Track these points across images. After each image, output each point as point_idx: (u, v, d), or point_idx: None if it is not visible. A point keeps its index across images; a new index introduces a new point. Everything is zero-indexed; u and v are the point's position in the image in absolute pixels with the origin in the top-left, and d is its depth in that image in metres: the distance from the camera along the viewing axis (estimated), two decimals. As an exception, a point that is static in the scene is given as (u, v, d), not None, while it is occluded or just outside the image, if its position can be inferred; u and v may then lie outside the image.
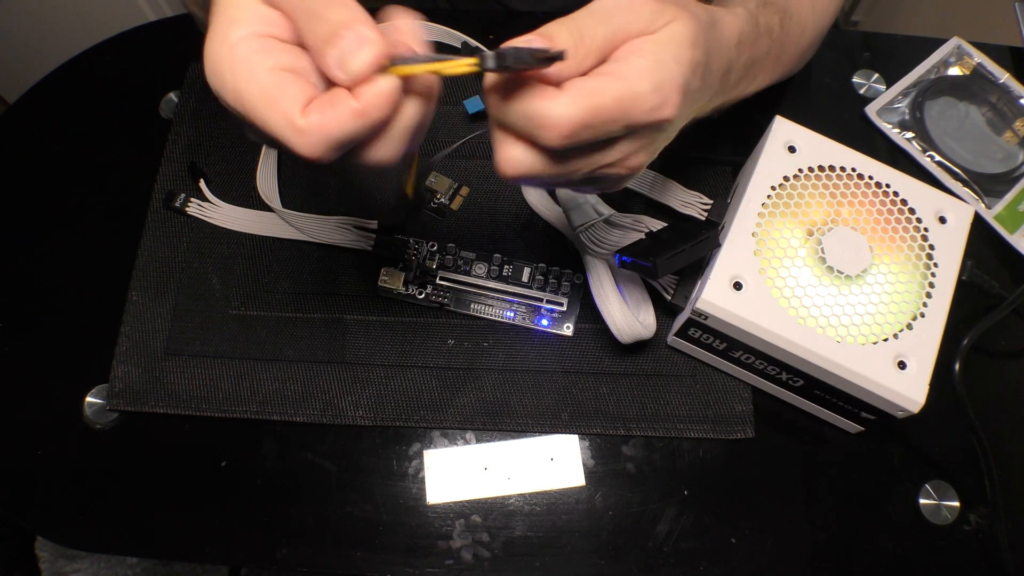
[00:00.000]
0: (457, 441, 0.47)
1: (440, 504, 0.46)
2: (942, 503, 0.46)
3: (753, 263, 0.43)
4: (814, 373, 0.42)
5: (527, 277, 0.50)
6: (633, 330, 0.45)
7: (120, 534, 0.45)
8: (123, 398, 0.47)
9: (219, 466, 0.46)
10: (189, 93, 0.56)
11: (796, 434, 0.48)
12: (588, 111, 0.28)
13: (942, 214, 0.45)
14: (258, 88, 0.26)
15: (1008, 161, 0.56)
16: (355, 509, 0.45)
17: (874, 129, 0.57)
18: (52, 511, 0.45)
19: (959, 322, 0.44)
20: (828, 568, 0.45)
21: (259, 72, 0.26)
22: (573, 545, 0.45)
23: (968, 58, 0.59)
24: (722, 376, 0.48)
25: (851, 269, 0.43)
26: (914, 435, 0.48)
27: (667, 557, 0.44)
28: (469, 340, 0.49)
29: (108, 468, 0.46)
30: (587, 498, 0.46)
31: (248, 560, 0.45)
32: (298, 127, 0.25)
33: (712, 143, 0.55)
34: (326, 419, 0.47)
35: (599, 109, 0.28)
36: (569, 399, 0.48)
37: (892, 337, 0.42)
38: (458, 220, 0.52)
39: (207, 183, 0.52)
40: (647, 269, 0.42)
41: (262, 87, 0.26)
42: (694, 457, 0.47)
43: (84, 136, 0.56)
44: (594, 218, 0.46)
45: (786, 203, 0.45)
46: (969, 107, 0.58)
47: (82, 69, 0.59)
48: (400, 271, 0.49)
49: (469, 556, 0.44)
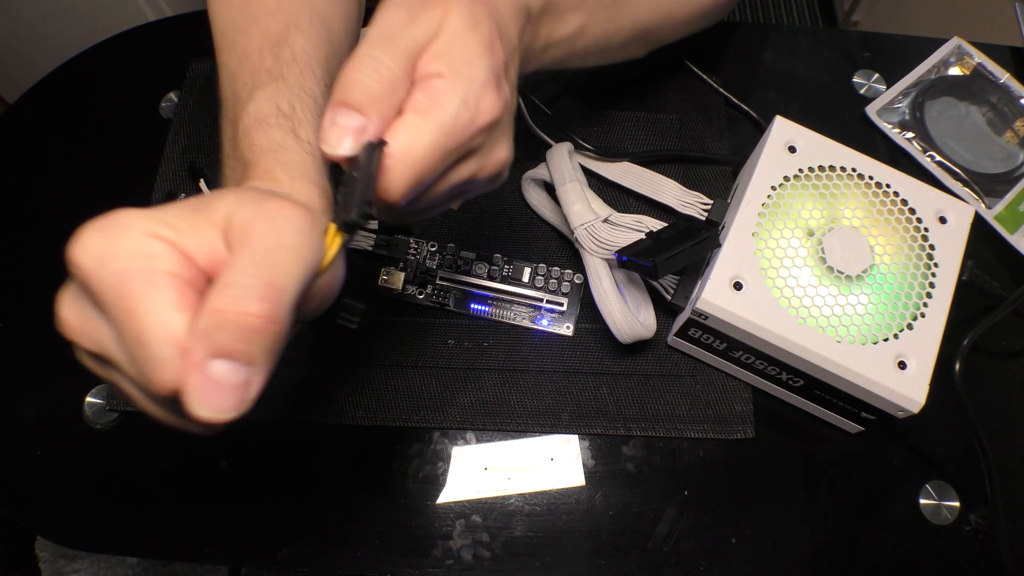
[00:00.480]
0: (457, 441, 0.47)
1: (440, 504, 0.46)
2: (942, 503, 0.46)
3: (753, 263, 0.43)
4: (814, 373, 0.42)
5: (527, 277, 0.50)
6: (633, 330, 0.45)
7: (120, 534, 0.45)
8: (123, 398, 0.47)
9: (219, 466, 0.46)
10: (189, 93, 0.56)
11: (796, 434, 0.48)
12: (413, 169, 0.27)
13: (942, 214, 0.45)
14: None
15: (1008, 161, 0.56)
16: (355, 509, 0.45)
17: (874, 129, 0.57)
18: (52, 511, 0.45)
19: (959, 322, 0.44)
20: (828, 568, 0.45)
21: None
22: (573, 545, 0.45)
23: (968, 58, 0.59)
24: (722, 376, 0.48)
25: (851, 269, 0.43)
26: (914, 435, 0.48)
27: (667, 557, 0.44)
28: (469, 340, 0.49)
29: (108, 468, 0.46)
30: (587, 498, 0.46)
31: (248, 560, 0.45)
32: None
33: (712, 143, 0.55)
34: (326, 419, 0.47)
35: (422, 159, 0.27)
36: (569, 399, 0.48)
37: (892, 337, 0.42)
38: (458, 220, 0.52)
39: (207, 183, 0.52)
40: (647, 269, 0.42)
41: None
42: (694, 457, 0.47)
43: (84, 136, 0.56)
44: (594, 218, 0.46)
45: (786, 203, 0.45)
46: (969, 107, 0.58)
47: (82, 69, 0.59)
48: (400, 271, 0.49)
49: (469, 556, 0.44)
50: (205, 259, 0.24)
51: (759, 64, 0.60)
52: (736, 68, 0.59)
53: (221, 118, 0.36)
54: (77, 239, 0.23)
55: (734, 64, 0.59)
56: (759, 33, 0.62)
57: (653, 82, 0.57)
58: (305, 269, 0.24)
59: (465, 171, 0.31)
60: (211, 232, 0.24)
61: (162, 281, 0.22)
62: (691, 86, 0.57)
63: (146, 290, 0.22)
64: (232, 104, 0.34)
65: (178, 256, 0.23)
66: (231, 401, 0.22)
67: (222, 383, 0.22)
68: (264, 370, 0.23)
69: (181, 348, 0.22)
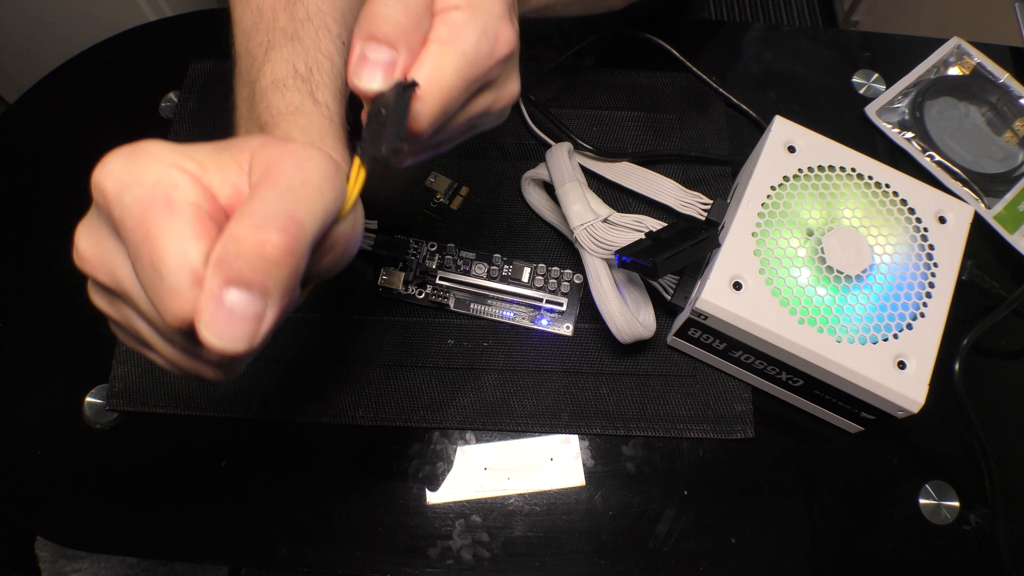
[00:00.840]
0: (457, 441, 0.47)
1: (440, 504, 0.46)
2: (942, 503, 0.46)
3: (753, 263, 0.43)
4: (814, 373, 0.42)
5: (527, 277, 0.50)
6: (633, 330, 0.45)
7: (120, 534, 0.45)
8: (123, 398, 0.47)
9: (219, 466, 0.46)
10: (189, 93, 0.56)
11: (796, 434, 0.48)
12: (440, 97, 0.28)
13: (942, 214, 0.45)
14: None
15: (1008, 161, 0.56)
16: (355, 509, 0.45)
17: (874, 129, 0.57)
18: (52, 511, 0.45)
19: (959, 322, 0.44)
20: (828, 568, 0.45)
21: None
22: (573, 545, 0.45)
23: (968, 58, 0.59)
24: (722, 376, 0.48)
25: (851, 269, 0.43)
26: (914, 435, 0.48)
27: (667, 557, 0.44)
28: (469, 340, 0.49)
29: (108, 468, 0.46)
30: (587, 498, 0.46)
31: (248, 560, 0.45)
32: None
33: (712, 143, 0.55)
34: (326, 419, 0.47)
35: (449, 89, 0.28)
36: (569, 399, 0.48)
37: (892, 337, 0.42)
38: (458, 220, 0.52)
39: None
40: (647, 269, 0.42)
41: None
42: (694, 457, 0.47)
43: (84, 136, 0.56)
44: (593, 218, 0.46)
45: (786, 203, 0.45)
46: (969, 107, 0.58)
47: (82, 69, 0.59)
48: (400, 271, 0.49)
49: (469, 556, 0.44)
50: (228, 197, 0.24)
51: (759, 64, 0.60)
52: (736, 68, 0.59)
53: (235, 77, 0.35)
54: (102, 163, 0.23)
55: (734, 64, 0.59)
56: (759, 33, 0.62)
57: (653, 82, 0.57)
58: (326, 209, 0.24)
59: (482, 103, 0.31)
60: (236, 171, 0.24)
61: (183, 210, 0.22)
62: (691, 86, 0.57)
63: (166, 217, 0.22)
64: (247, 64, 0.34)
65: (201, 190, 0.23)
66: (244, 332, 0.22)
67: (236, 312, 0.21)
68: (278, 306, 0.22)
69: (196, 276, 0.22)
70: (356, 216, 0.27)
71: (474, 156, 0.54)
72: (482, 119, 0.32)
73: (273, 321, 0.22)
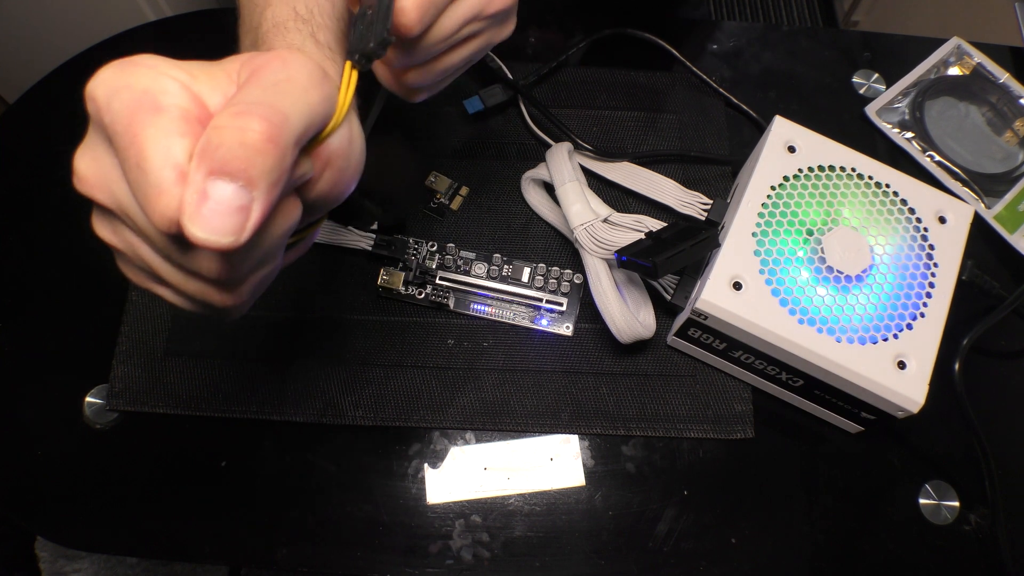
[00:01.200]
0: (457, 441, 0.47)
1: (440, 504, 0.46)
2: (942, 503, 0.46)
3: (753, 263, 0.43)
4: (814, 373, 0.42)
5: (527, 277, 0.50)
6: (633, 330, 0.45)
7: (120, 534, 0.45)
8: (123, 398, 0.47)
9: (219, 466, 0.46)
10: (189, 93, 0.56)
11: (796, 434, 0.48)
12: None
13: (942, 214, 0.45)
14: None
15: (1008, 161, 0.56)
16: (355, 509, 0.45)
17: (874, 129, 0.57)
18: (52, 511, 0.45)
19: (959, 322, 0.44)
20: (828, 568, 0.45)
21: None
22: (573, 545, 0.45)
23: (968, 58, 0.59)
24: (722, 376, 0.48)
25: (851, 269, 0.43)
26: (914, 435, 0.48)
27: (667, 557, 0.44)
28: (469, 340, 0.49)
29: (108, 468, 0.46)
30: (587, 498, 0.46)
31: (248, 560, 0.45)
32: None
33: (712, 143, 0.55)
34: (326, 419, 0.47)
35: None
36: (569, 399, 0.48)
37: (892, 337, 0.42)
38: (458, 220, 0.52)
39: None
40: (647, 269, 0.42)
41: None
42: (694, 457, 0.47)
43: (84, 136, 0.56)
44: (593, 218, 0.46)
45: (786, 203, 0.45)
46: (969, 107, 0.58)
47: (82, 69, 0.59)
48: (400, 271, 0.49)
49: (469, 556, 0.44)
50: (217, 106, 0.24)
51: (759, 64, 0.60)
52: (736, 68, 0.59)
53: (239, 27, 0.35)
54: (95, 74, 0.23)
55: (734, 64, 0.59)
56: (759, 33, 0.62)
57: (653, 82, 0.57)
58: (311, 108, 0.23)
59: (471, 1, 0.31)
60: (226, 81, 0.24)
61: (169, 112, 0.22)
62: (691, 86, 0.57)
63: (152, 118, 0.22)
64: (249, 11, 0.34)
65: (190, 96, 0.23)
66: (230, 224, 0.21)
67: (222, 204, 0.21)
68: (264, 200, 0.22)
69: (181, 173, 0.22)
70: (352, 131, 0.27)
71: (474, 156, 0.54)
72: (478, 25, 0.32)
73: (260, 215, 0.22)
